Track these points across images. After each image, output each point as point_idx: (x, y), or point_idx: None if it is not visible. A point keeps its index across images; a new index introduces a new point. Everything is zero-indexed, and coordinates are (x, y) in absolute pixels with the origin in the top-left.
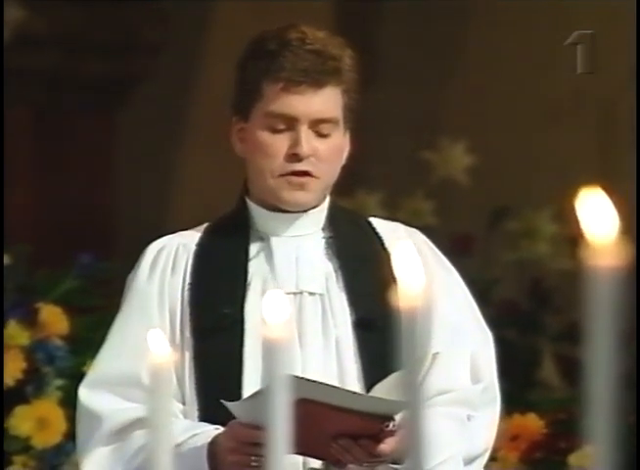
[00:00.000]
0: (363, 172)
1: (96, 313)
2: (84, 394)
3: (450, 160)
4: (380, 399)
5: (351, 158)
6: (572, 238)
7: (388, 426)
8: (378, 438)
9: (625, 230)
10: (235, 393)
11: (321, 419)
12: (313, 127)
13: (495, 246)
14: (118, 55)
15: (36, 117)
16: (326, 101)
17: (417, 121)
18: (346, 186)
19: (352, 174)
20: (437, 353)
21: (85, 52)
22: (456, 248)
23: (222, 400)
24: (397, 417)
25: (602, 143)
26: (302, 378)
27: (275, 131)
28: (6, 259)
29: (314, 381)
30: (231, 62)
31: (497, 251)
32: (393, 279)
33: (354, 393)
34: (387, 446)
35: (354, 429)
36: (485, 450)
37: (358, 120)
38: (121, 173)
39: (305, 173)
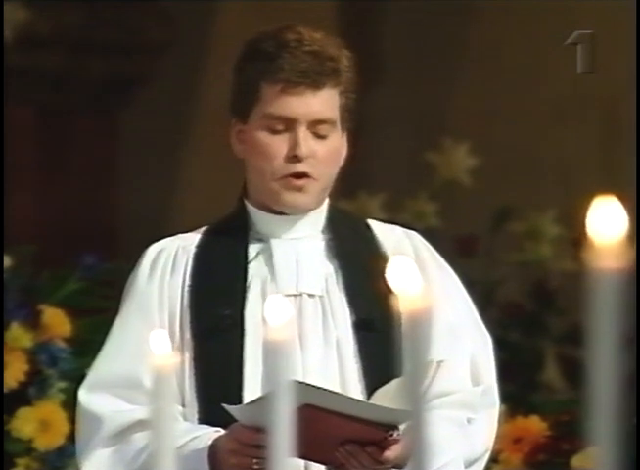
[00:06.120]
0: (366, 174)
1: (99, 315)
2: (84, 396)
3: (453, 161)
4: (384, 408)
5: (354, 159)
6: (576, 239)
7: (392, 435)
8: (382, 445)
9: (627, 231)
10: (235, 395)
11: (326, 425)
12: (311, 129)
13: (499, 247)
14: (121, 55)
15: (39, 118)
16: (324, 102)
17: (420, 123)
18: (349, 188)
19: (355, 176)
20: (442, 362)
21: (88, 52)
22: (460, 249)
23: (223, 405)
24: (401, 426)
25: (604, 143)
26: (307, 384)
27: (274, 132)
28: (9, 261)
29: (319, 387)
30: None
31: (501, 252)
32: (389, 288)
33: (359, 401)
34: (391, 453)
35: (359, 436)
36: (485, 452)
37: (361, 121)
38: (124, 174)
39: (304, 175)
